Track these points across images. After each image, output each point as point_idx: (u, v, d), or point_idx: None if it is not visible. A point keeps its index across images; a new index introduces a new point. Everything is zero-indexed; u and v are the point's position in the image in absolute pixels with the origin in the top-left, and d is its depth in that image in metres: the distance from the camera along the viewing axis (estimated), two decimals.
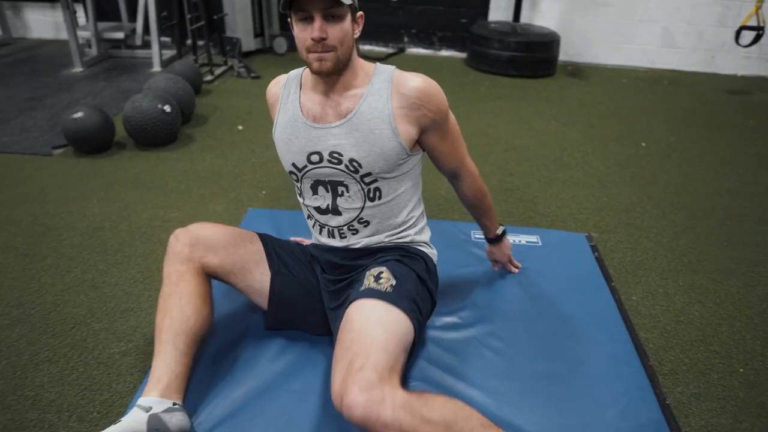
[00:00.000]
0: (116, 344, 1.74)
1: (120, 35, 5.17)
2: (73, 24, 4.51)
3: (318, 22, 1.26)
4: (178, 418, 1.28)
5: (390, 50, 5.65)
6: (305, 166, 1.46)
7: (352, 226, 1.52)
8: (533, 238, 2.26)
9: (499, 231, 1.89)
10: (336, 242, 1.56)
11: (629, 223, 2.63)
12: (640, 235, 2.53)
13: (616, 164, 3.29)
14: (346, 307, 1.36)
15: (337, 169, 1.43)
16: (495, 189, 2.85)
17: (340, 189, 1.47)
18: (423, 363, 1.58)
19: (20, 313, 1.87)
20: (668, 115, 4.25)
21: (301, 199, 1.58)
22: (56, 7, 5.53)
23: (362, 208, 1.49)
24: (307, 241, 1.96)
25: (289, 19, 1.35)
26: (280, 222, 2.31)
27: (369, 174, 1.43)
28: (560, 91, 4.73)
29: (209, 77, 4.53)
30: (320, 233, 1.58)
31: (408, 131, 1.41)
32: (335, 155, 1.42)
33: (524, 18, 5.43)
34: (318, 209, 1.53)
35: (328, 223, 1.53)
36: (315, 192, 1.50)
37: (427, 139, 1.47)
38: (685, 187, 3.05)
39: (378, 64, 1.45)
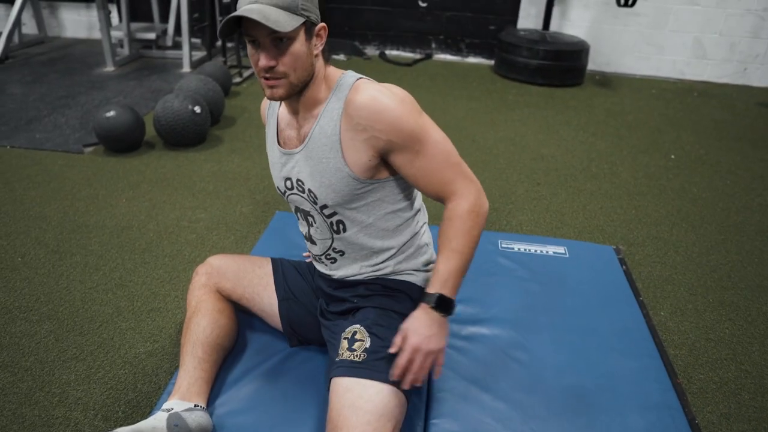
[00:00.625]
0: (142, 344, 1.76)
1: (152, 36, 5.25)
2: (107, 24, 4.60)
3: (265, 50, 1.13)
4: (197, 415, 1.28)
5: (417, 56, 5.65)
6: (284, 191, 1.39)
7: (329, 255, 1.41)
8: (560, 249, 2.23)
9: (433, 293, 1.22)
10: (322, 268, 1.48)
11: (658, 236, 2.59)
12: (668, 249, 2.49)
13: (644, 176, 3.24)
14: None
15: (303, 197, 1.33)
16: (521, 198, 2.83)
17: (309, 219, 1.38)
18: (448, 373, 1.56)
19: (49, 309, 1.90)
20: (698, 127, 4.18)
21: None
22: (91, 7, 5.64)
23: (332, 239, 1.37)
24: None
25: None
26: None
27: (325, 206, 1.30)
28: (588, 100, 4.68)
29: (238, 79, 4.57)
30: (310, 258, 1.56)
31: (358, 159, 1.21)
32: (299, 183, 1.31)
33: (554, 26, 5.40)
34: (303, 234, 1.47)
35: (312, 251, 1.47)
36: (298, 218, 1.45)
37: (394, 162, 1.23)
38: (715, 201, 3.00)
39: (344, 74, 1.26)
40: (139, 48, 5.25)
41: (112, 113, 3.02)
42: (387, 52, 5.72)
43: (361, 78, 1.24)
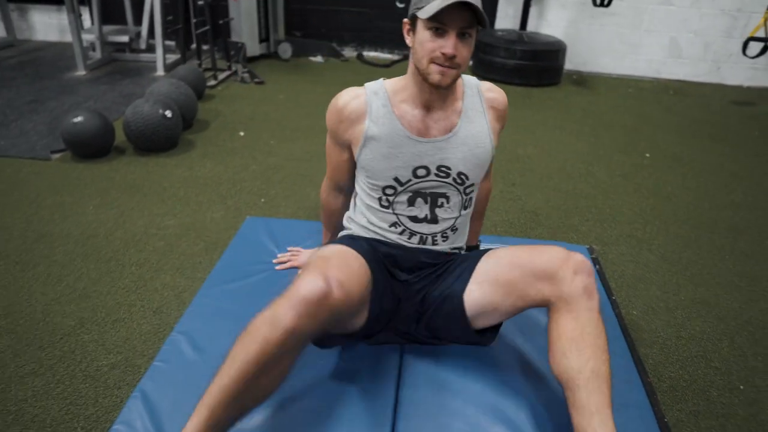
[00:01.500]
0: (105, 356, 1.71)
1: (125, 39, 5.18)
2: (77, 27, 4.52)
3: (453, 39, 1.28)
4: None
5: (395, 57, 5.63)
6: (409, 180, 1.46)
7: (445, 234, 1.54)
8: None
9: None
10: (427, 247, 1.55)
11: (632, 235, 2.60)
12: (642, 248, 2.49)
13: (620, 175, 3.25)
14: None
15: (443, 182, 1.47)
16: (496, 199, 2.82)
17: (441, 200, 1.50)
18: (418, 377, 1.54)
19: (8, 323, 1.84)
20: (673, 126, 4.21)
21: (383, 208, 1.51)
22: (62, 9, 5.53)
23: (458, 217, 1.54)
24: (302, 252, 1.94)
25: (406, 24, 1.38)
26: (278, 231, 2.28)
27: (472, 185, 1.51)
28: (565, 100, 4.70)
29: (213, 82, 4.52)
30: (409, 239, 1.54)
31: (496, 140, 1.53)
32: (443, 169, 1.45)
33: (531, 26, 5.41)
34: (414, 218, 1.51)
35: (421, 231, 1.52)
36: (411, 204, 1.49)
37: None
38: (689, 198, 3.01)
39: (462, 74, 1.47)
40: (111, 51, 5.18)
41: (79, 118, 2.96)
42: (365, 53, 5.69)
43: (474, 78, 1.52)
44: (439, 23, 1.27)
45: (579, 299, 1.27)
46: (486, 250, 1.53)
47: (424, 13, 1.26)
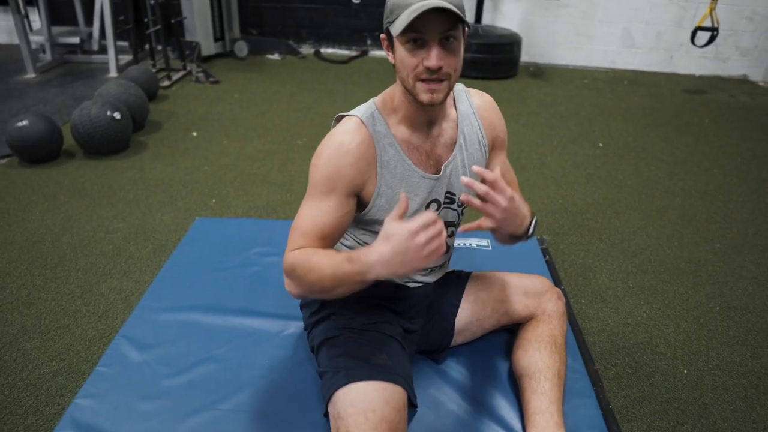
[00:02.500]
0: (47, 364, 1.67)
1: (76, 40, 5.05)
2: (24, 28, 4.39)
3: (435, 49, 1.10)
4: None
5: (353, 53, 5.61)
6: None
7: (444, 264, 1.55)
8: (483, 242, 2.24)
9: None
10: (429, 278, 1.51)
11: (583, 224, 2.64)
12: (592, 237, 2.54)
13: (572, 165, 3.30)
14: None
15: (449, 208, 1.39)
16: None
17: (450, 230, 1.44)
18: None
19: None
20: (627, 115, 4.29)
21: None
22: (9, 10, 5.37)
23: (454, 241, 1.53)
24: None
25: (383, 40, 1.21)
26: (227, 231, 2.26)
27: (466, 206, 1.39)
28: (521, 92, 4.74)
29: (166, 82, 4.44)
30: (414, 274, 1.45)
31: (490, 153, 1.43)
32: (449, 195, 1.37)
33: (486, 19, 5.45)
34: None
35: (432, 265, 1.41)
36: None
37: (493, 156, 1.44)
38: (640, 187, 3.07)
39: None
40: (63, 53, 5.05)
41: (24, 123, 2.88)
42: (322, 50, 5.66)
43: (461, 84, 1.37)
44: (415, 33, 1.10)
45: (558, 318, 1.52)
46: (468, 273, 1.64)
47: (397, 29, 1.10)
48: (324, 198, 1.22)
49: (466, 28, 1.16)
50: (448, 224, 1.42)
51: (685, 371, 1.78)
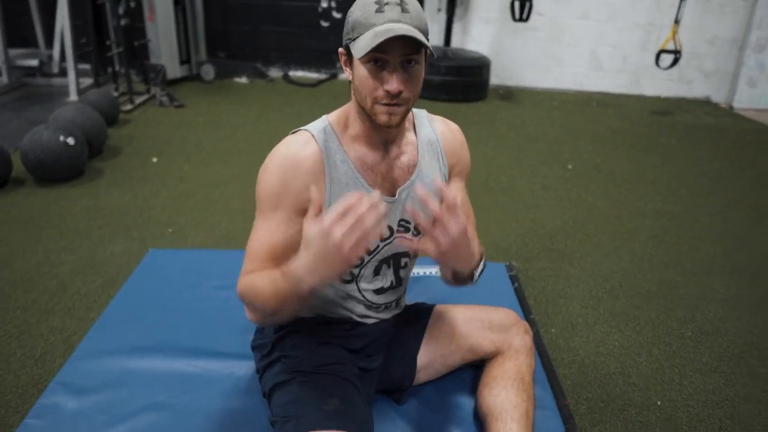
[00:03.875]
0: None
1: (34, 62, 4.91)
2: None
3: (396, 73, 1.07)
4: None
5: (322, 76, 5.56)
6: (377, 248, 1.26)
7: (400, 298, 1.44)
8: None
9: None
10: (385, 314, 1.41)
11: (553, 248, 2.58)
12: (563, 261, 2.48)
13: (541, 188, 3.26)
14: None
15: (408, 237, 1.30)
16: None
17: (404, 260, 1.34)
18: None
19: None
20: (595, 136, 4.29)
21: (345, 282, 1.30)
22: None
23: (409, 274, 1.43)
24: None
25: (342, 55, 1.15)
26: (183, 263, 2.15)
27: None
28: (491, 114, 4.73)
29: (129, 106, 4.32)
30: (368, 310, 1.37)
31: (450, 180, 1.35)
32: (403, 223, 1.28)
33: (456, 42, 5.45)
34: (379, 290, 1.34)
35: (384, 301, 1.36)
36: (377, 273, 1.31)
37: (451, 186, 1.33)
38: (610, 208, 3.04)
39: None
40: (21, 76, 4.89)
41: None
42: (291, 73, 5.60)
43: (424, 110, 1.34)
44: (377, 54, 1.05)
45: (525, 353, 1.44)
46: (430, 307, 1.54)
47: (359, 51, 1.05)
48: (271, 216, 1.16)
49: (429, 53, 1.12)
50: (401, 255, 1.33)
51: (659, 402, 1.71)
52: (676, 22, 4.68)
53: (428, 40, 1.10)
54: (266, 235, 1.16)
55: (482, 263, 1.25)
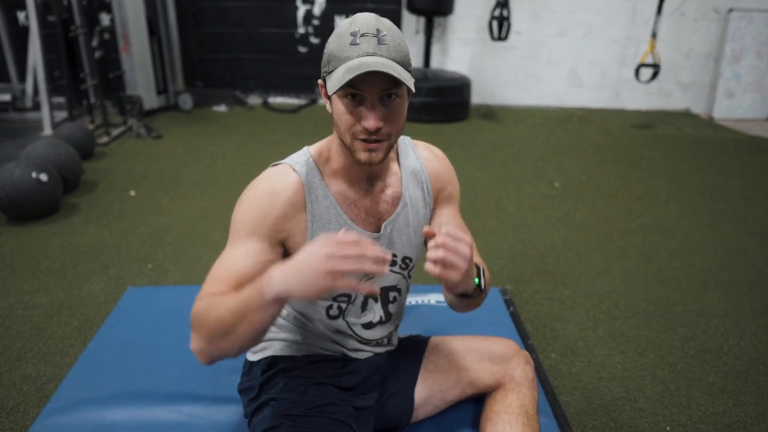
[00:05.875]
0: None
1: (6, 97, 4.80)
2: None
3: (374, 109, 1.01)
4: None
5: (302, 102, 5.51)
6: (361, 281, 1.20)
7: (392, 333, 1.36)
8: (442, 297, 2.08)
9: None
10: (378, 349, 1.35)
11: (545, 270, 2.52)
12: (556, 283, 2.42)
13: (529, 207, 3.21)
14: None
15: (392, 271, 1.25)
16: None
17: (392, 294, 1.29)
18: None
19: None
20: (579, 152, 4.28)
21: (331, 318, 1.25)
22: None
23: (402, 309, 1.36)
24: None
25: (321, 87, 1.08)
26: (163, 301, 2.04)
27: (413, 266, 1.29)
28: (474, 134, 4.70)
29: (105, 139, 4.22)
30: (360, 344, 1.31)
31: (436, 209, 1.30)
32: (392, 257, 1.22)
33: (435, 63, 5.45)
34: (368, 325, 1.28)
35: (376, 336, 1.31)
36: (365, 308, 1.26)
37: (439, 212, 1.29)
38: (599, 226, 3.00)
39: None
40: None
41: None
42: (270, 99, 5.54)
43: (407, 137, 1.28)
44: (353, 89, 0.99)
45: (527, 385, 1.36)
46: (425, 339, 1.47)
47: (332, 86, 0.99)
48: (243, 242, 1.10)
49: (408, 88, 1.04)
50: (389, 288, 1.27)
51: (669, 428, 1.65)
52: (653, 36, 4.72)
53: (410, 71, 1.04)
54: (233, 261, 1.09)
55: (483, 274, 1.20)
